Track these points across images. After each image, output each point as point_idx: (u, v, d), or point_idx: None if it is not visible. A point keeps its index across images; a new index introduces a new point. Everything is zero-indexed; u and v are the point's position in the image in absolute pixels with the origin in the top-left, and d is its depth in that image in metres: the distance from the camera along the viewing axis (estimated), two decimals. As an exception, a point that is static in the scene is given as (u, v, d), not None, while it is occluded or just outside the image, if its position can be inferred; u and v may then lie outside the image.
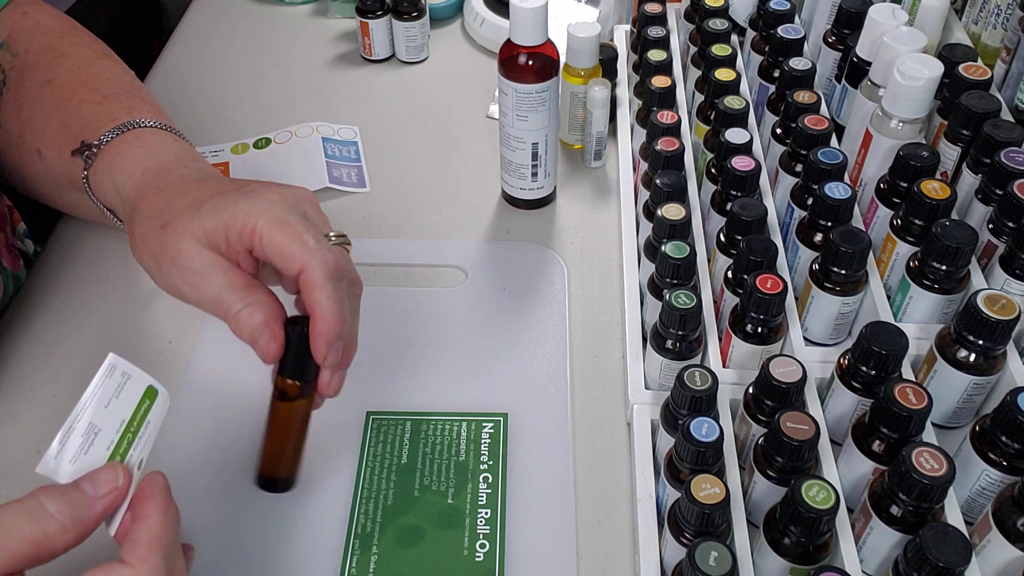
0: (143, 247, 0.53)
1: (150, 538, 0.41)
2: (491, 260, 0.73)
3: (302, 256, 0.48)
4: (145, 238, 0.53)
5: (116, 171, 0.58)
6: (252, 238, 0.49)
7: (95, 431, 0.43)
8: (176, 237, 0.50)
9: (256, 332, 0.49)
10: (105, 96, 0.63)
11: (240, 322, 0.49)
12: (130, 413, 0.44)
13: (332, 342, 0.49)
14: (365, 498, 0.57)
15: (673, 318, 0.56)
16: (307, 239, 0.49)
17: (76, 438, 0.42)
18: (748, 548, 0.49)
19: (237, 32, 1.00)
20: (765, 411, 0.52)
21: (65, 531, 0.40)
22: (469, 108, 0.89)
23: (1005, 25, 0.71)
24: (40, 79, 0.65)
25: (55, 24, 0.69)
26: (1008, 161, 0.58)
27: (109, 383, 0.44)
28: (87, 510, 0.41)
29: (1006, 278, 0.56)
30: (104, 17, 1.14)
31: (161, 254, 0.51)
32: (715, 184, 0.67)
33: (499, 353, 0.65)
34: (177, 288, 0.51)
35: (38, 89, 0.64)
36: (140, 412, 0.45)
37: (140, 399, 0.45)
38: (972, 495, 0.50)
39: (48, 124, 0.63)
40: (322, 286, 0.48)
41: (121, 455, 0.44)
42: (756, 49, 0.80)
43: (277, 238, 0.48)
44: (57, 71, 0.65)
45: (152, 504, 0.42)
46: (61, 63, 0.65)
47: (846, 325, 0.61)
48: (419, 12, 0.92)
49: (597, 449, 0.60)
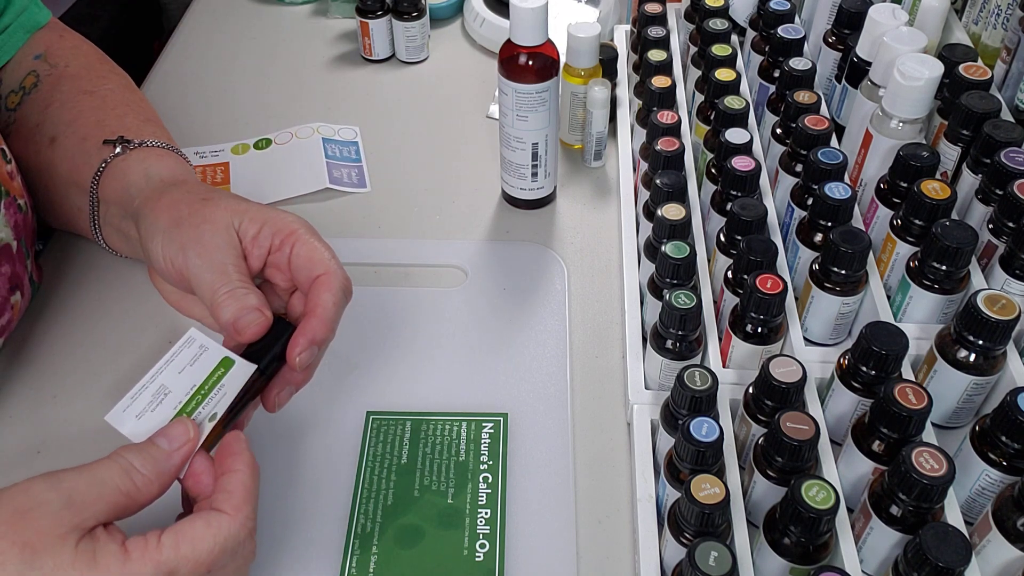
0: (168, 211, 0.55)
1: (243, 490, 0.45)
2: (491, 260, 0.73)
3: (328, 263, 0.53)
4: (176, 203, 0.55)
5: (152, 162, 0.61)
6: (290, 238, 0.53)
7: (165, 392, 0.47)
8: (213, 207, 0.54)
9: (246, 311, 0.51)
10: (147, 120, 0.68)
11: (235, 298, 0.51)
12: (202, 379, 0.48)
13: (314, 343, 0.51)
14: (365, 498, 0.57)
15: (673, 318, 0.56)
16: (333, 257, 0.54)
17: (146, 396, 0.47)
18: (748, 548, 0.49)
19: (237, 32, 1.00)
20: (765, 411, 0.52)
21: (151, 483, 0.44)
22: (469, 108, 0.89)
23: (1005, 25, 0.71)
24: (80, 89, 0.68)
25: (91, 50, 0.74)
26: (1008, 161, 0.58)
27: (186, 352, 0.49)
28: (166, 463, 0.45)
29: (1006, 278, 0.56)
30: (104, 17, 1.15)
31: (188, 219, 0.54)
32: (715, 184, 0.67)
33: (499, 353, 0.65)
34: (184, 256, 0.52)
35: (76, 95, 0.68)
36: (213, 379, 0.48)
37: (214, 368, 0.49)
38: (972, 495, 0.50)
39: (79, 119, 0.66)
40: (335, 291, 0.52)
41: (188, 414, 0.47)
42: (756, 49, 0.80)
43: (313, 243, 0.54)
44: (100, 87, 0.69)
45: (240, 459, 0.46)
46: (103, 83, 0.70)
47: (846, 325, 0.61)
48: (419, 12, 0.92)
49: (597, 449, 0.60)
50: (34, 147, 0.66)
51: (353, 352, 0.65)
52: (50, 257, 0.72)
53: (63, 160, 0.65)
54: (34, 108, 0.68)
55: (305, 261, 0.53)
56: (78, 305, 0.69)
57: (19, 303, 0.63)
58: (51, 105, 0.67)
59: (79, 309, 0.68)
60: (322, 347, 0.52)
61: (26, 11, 0.71)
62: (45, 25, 0.73)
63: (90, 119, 0.66)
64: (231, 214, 0.54)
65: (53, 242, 0.74)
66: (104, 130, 0.64)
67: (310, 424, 0.61)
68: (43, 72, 0.69)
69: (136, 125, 0.66)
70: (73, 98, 0.68)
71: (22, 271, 0.63)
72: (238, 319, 0.51)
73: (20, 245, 0.62)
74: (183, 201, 0.55)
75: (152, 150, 0.63)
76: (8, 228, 0.61)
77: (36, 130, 0.67)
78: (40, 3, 0.73)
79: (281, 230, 0.54)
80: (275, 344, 0.51)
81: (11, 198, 0.61)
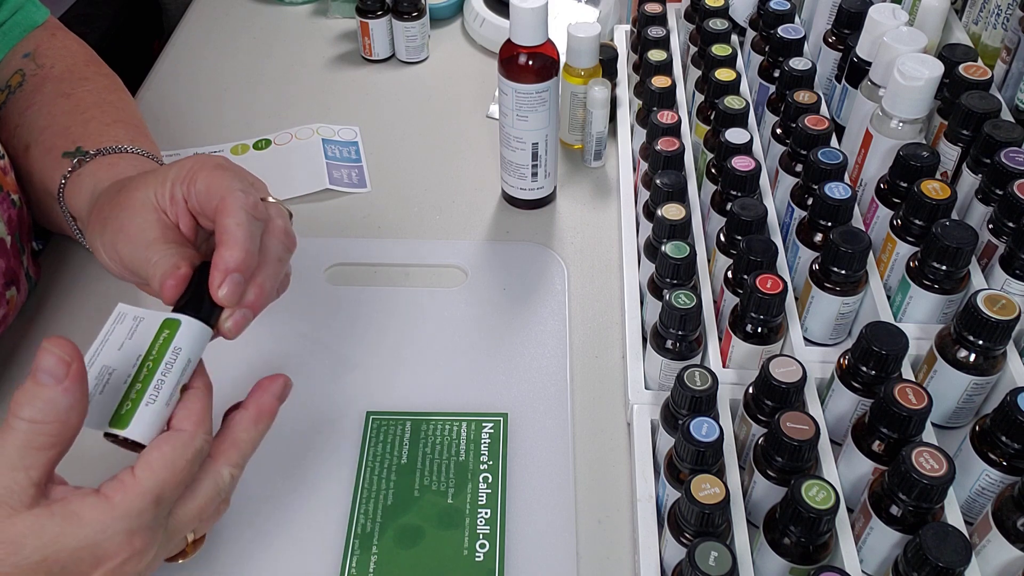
0: (97, 218, 0.54)
1: (201, 407, 0.45)
2: (491, 260, 0.73)
3: (225, 187, 0.49)
4: (100, 207, 0.54)
5: (101, 175, 0.59)
6: (192, 179, 0.50)
7: (109, 372, 0.45)
8: (129, 192, 0.52)
9: (165, 276, 0.48)
10: (115, 120, 0.66)
11: (156, 269, 0.49)
12: (146, 347, 0.46)
13: (230, 272, 0.47)
14: (365, 498, 0.57)
15: (673, 318, 0.56)
16: (234, 181, 0.50)
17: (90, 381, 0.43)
18: (748, 548, 0.49)
19: (237, 32, 1.00)
20: (765, 411, 0.52)
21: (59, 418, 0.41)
22: (469, 108, 0.89)
23: (1005, 25, 0.71)
24: (59, 92, 0.68)
25: (80, 51, 0.73)
26: (1008, 161, 0.58)
27: (120, 329, 0.46)
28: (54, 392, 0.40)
29: (1006, 278, 0.56)
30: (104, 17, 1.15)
31: (110, 215, 0.52)
32: (715, 184, 0.67)
33: (499, 353, 0.65)
34: (116, 250, 0.51)
35: (54, 98, 0.67)
36: (159, 343, 0.46)
37: (156, 333, 0.46)
38: (972, 495, 0.50)
39: (51, 126, 0.65)
40: (234, 213, 0.48)
41: (142, 382, 0.45)
42: (756, 49, 0.80)
43: (208, 177, 0.50)
44: (77, 89, 0.68)
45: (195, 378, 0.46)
46: (83, 85, 0.69)
47: (846, 325, 0.61)
48: (419, 12, 0.92)
49: (597, 449, 0.60)
50: (13, 150, 0.66)
51: (353, 352, 0.65)
52: (49, 256, 0.72)
53: (36, 171, 0.65)
54: (16, 108, 0.68)
55: (204, 196, 0.50)
56: (76, 304, 0.69)
57: (15, 298, 0.63)
58: (31, 107, 0.67)
59: (77, 308, 0.69)
60: (246, 274, 0.48)
61: (22, 9, 0.71)
62: (41, 24, 0.72)
63: (59, 126, 0.65)
64: (145, 189, 0.51)
65: (53, 243, 0.74)
66: (68, 139, 0.63)
67: (310, 424, 0.61)
68: (29, 71, 0.69)
69: (98, 131, 0.64)
70: (51, 102, 0.67)
71: (17, 266, 0.63)
72: (161, 288, 0.48)
73: (15, 240, 0.62)
74: (105, 202, 0.54)
75: (104, 159, 0.61)
76: (2, 223, 0.60)
77: (16, 132, 0.67)
78: (38, 2, 0.73)
79: (182, 177, 0.51)
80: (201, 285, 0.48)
81: (4, 193, 0.61)
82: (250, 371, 0.62)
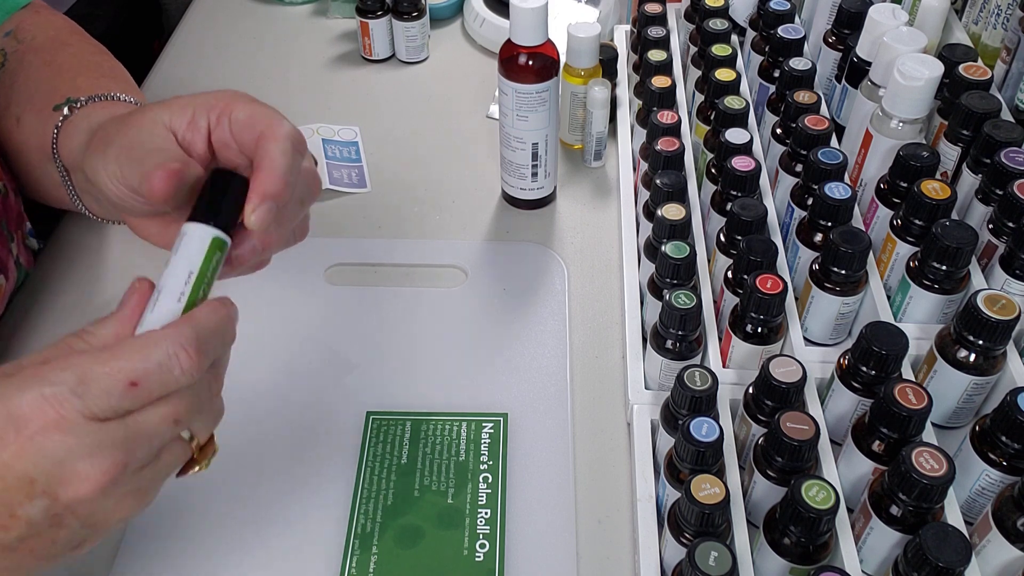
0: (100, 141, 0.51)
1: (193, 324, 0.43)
2: (491, 260, 0.73)
3: (269, 117, 0.48)
4: (105, 130, 0.52)
5: (95, 116, 0.57)
6: (226, 109, 0.49)
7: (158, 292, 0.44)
8: (139, 114, 0.50)
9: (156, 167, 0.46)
10: (102, 75, 0.65)
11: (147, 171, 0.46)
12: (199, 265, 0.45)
13: (267, 198, 0.45)
14: (365, 498, 0.57)
15: (673, 318, 0.56)
16: (276, 113, 0.49)
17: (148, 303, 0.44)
18: (748, 548, 0.49)
19: (237, 32, 1.00)
20: (765, 411, 0.52)
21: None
22: (469, 108, 0.89)
23: (1005, 25, 0.71)
24: (42, 61, 0.67)
25: (63, 24, 0.72)
26: (1008, 161, 0.58)
27: None
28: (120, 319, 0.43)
29: (1006, 278, 0.56)
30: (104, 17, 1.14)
31: (116, 134, 0.50)
32: (715, 184, 0.67)
33: (499, 353, 0.65)
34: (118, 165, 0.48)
35: (38, 68, 0.66)
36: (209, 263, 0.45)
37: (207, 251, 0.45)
38: (972, 495, 0.50)
39: (38, 92, 0.64)
40: (280, 141, 0.47)
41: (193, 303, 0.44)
42: (756, 49, 0.80)
43: (251, 105, 0.49)
44: (60, 55, 0.67)
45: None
46: (65, 50, 0.68)
47: (846, 325, 0.61)
48: (419, 12, 0.92)
49: (597, 449, 0.60)
50: (6, 128, 0.66)
51: (353, 352, 0.65)
52: (52, 254, 0.72)
53: (31, 136, 0.63)
54: (2, 88, 0.66)
55: (245, 125, 0.48)
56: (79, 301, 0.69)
57: (3, 286, 0.62)
58: (16, 82, 0.66)
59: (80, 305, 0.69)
60: (280, 203, 0.46)
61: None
62: (26, 5, 0.71)
63: (46, 89, 0.64)
64: (158, 111, 0.50)
65: (56, 240, 0.74)
66: (56, 96, 0.62)
67: (310, 424, 0.61)
68: (10, 49, 0.68)
69: (88, 84, 0.63)
70: (35, 72, 0.66)
71: (5, 254, 0.62)
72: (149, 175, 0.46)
73: (2, 228, 0.62)
74: (110, 125, 0.52)
75: (97, 104, 0.60)
76: None
77: (5, 111, 0.66)
78: None
79: (214, 107, 0.49)
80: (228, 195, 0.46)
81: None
82: (250, 371, 0.62)
